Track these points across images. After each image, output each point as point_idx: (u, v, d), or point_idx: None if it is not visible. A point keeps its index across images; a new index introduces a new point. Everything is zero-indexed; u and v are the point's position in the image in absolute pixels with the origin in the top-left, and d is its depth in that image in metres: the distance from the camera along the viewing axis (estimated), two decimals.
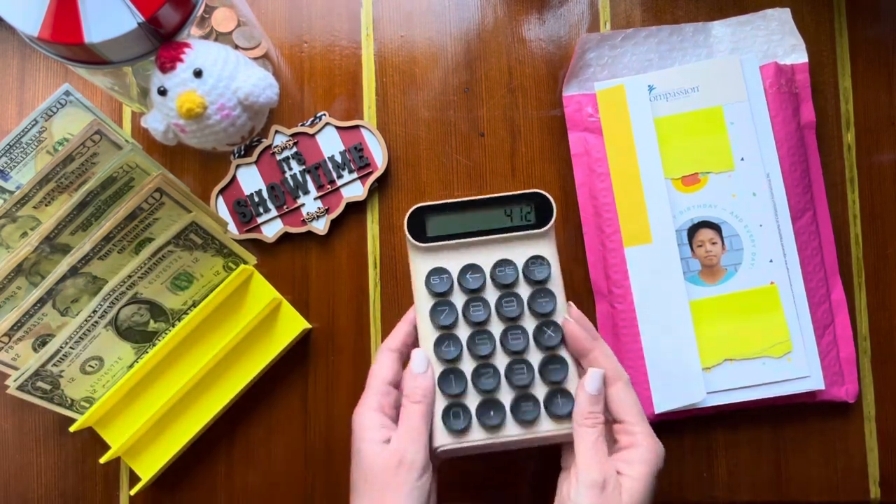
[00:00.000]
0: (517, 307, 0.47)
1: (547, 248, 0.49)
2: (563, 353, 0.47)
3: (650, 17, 0.58)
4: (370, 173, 0.56)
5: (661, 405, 0.53)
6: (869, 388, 0.56)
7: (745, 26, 0.56)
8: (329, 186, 0.56)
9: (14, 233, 0.52)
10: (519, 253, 0.48)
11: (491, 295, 0.48)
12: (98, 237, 0.49)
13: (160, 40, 0.46)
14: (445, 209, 0.48)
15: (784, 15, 0.56)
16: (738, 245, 0.54)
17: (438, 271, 0.48)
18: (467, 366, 0.47)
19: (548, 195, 0.48)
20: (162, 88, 0.47)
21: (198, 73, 0.46)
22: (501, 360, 0.47)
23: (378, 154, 0.56)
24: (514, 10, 0.58)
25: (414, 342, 0.49)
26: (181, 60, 0.46)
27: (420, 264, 0.48)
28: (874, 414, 0.56)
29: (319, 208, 0.56)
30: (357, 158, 0.56)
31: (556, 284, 0.48)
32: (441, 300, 0.48)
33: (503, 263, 0.48)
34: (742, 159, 0.54)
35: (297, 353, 0.56)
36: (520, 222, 0.49)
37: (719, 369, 0.53)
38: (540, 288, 0.48)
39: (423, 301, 0.48)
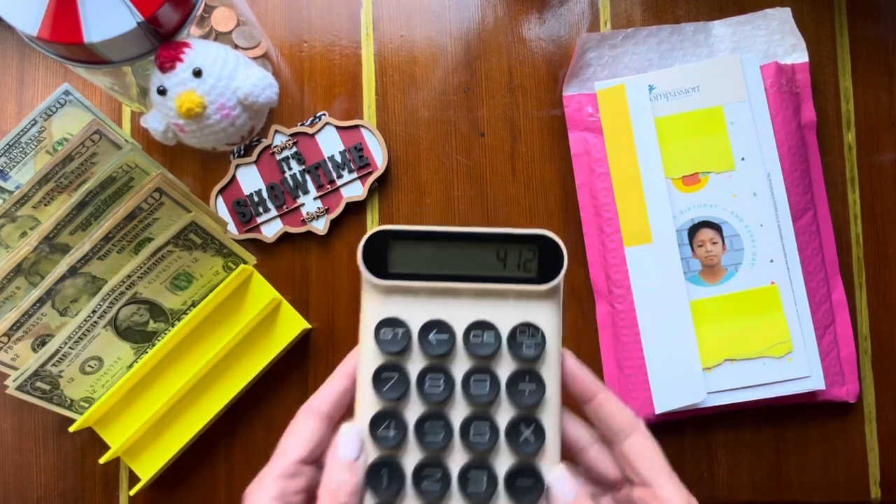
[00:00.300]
0: (491, 391, 0.35)
1: (546, 315, 0.36)
2: (542, 464, 0.35)
3: (650, 16, 0.58)
4: (370, 173, 0.56)
5: (662, 405, 0.53)
6: (869, 388, 0.56)
7: (746, 26, 0.56)
8: (329, 186, 0.56)
9: (13, 233, 0.52)
10: (506, 314, 0.35)
11: (459, 366, 0.35)
12: (97, 237, 0.49)
13: (160, 40, 0.46)
14: (417, 238, 0.35)
15: (784, 14, 0.56)
16: (738, 245, 0.54)
17: (393, 322, 0.35)
18: (409, 459, 0.35)
19: (558, 240, 0.35)
20: (161, 88, 0.47)
21: (197, 73, 0.46)
22: (457, 460, 0.35)
23: (378, 154, 0.56)
24: (515, 10, 0.58)
25: (349, 403, 0.36)
26: (181, 60, 0.46)
27: (372, 308, 0.36)
28: (875, 414, 0.56)
29: (319, 208, 0.56)
30: (357, 158, 0.56)
31: (550, 368, 0.35)
32: (391, 362, 0.35)
33: (482, 326, 0.35)
34: (743, 159, 0.54)
35: (297, 353, 0.56)
36: (515, 272, 0.35)
37: (720, 369, 0.53)
38: (526, 369, 0.35)
39: (367, 358, 0.35)
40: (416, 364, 0.35)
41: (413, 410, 0.35)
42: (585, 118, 0.56)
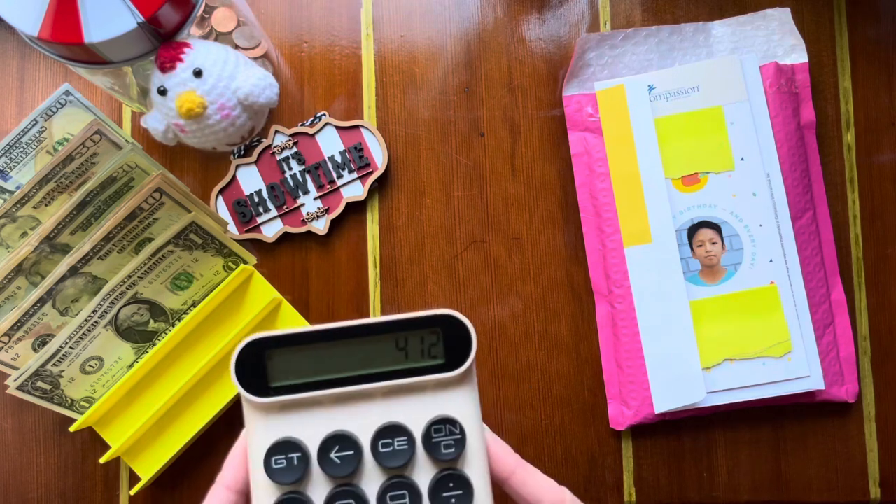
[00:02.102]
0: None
1: (462, 403, 0.31)
2: None
3: (650, 16, 0.58)
4: (370, 173, 0.56)
5: (661, 405, 0.53)
6: (869, 388, 0.56)
7: (746, 26, 0.56)
8: (329, 186, 0.56)
9: (14, 233, 0.52)
10: (417, 412, 0.31)
11: (371, 483, 0.30)
12: (98, 237, 0.49)
13: (160, 40, 0.46)
14: (299, 342, 0.30)
15: (784, 15, 0.56)
16: (738, 245, 0.54)
17: (285, 447, 0.30)
18: None
19: (462, 318, 0.31)
20: (162, 88, 0.47)
21: (198, 73, 0.46)
22: None
23: (378, 154, 0.56)
24: (514, 10, 0.58)
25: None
26: (181, 60, 0.46)
27: (258, 432, 0.31)
28: (874, 414, 0.56)
29: (319, 208, 0.56)
30: (357, 158, 0.56)
31: (475, 465, 0.31)
32: (289, 493, 0.30)
33: (391, 432, 0.30)
34: (742, 159, 0.54)
35: None
36: (419, 361, 0.31)
37: (719, 369, 0.53)
38: (449, 472, 0.30)
39: (261, 492, 0.30)
40: (319, 490, 0.30)
41: None
42: (585, 118, 0.56)
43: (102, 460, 0.52)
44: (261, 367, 0.30)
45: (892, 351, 0.56)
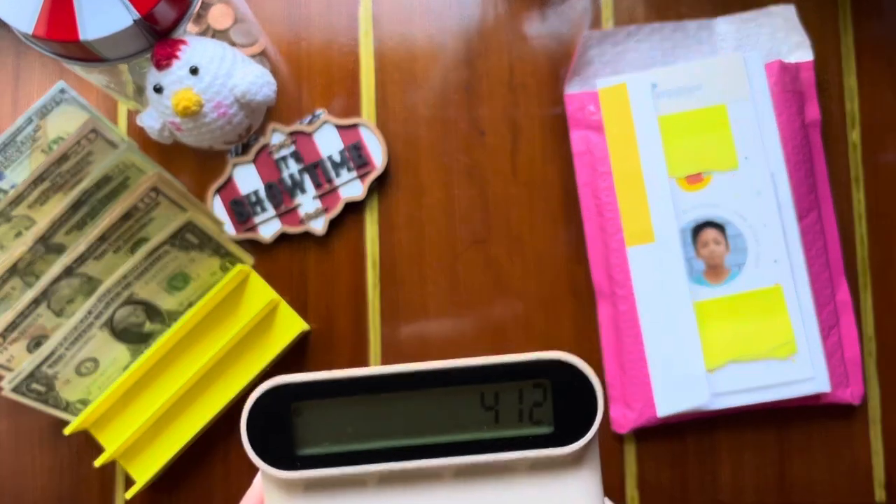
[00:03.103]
0: None
1: (579, 496, 0.21)
2: None
3: (653, 13, 0.57)
4: (369, 172, 0.56)
5: (665, 408, 0.52)
6: (874, 390, 0.56)
7: (750, 23, 0.56)
8: (327, 186, 0.56)
9: (8, 233, 0.52)
10: (509, 502, 0.21)
11: None
12: (93, 237, 0.49)
13: (156, 37, 0.45)
14: (337, 390, 0.21)
15: (788, 12, 0.55)
16: (742, 245, 0.54)
17: None
18: None
19: (582, 365, 0.22)
20: (158, 86, 0.46)
21: (194, 71, 0.46)
22: None
23: (377, 153, 0.56)
24: (516, 7, 0.58)
25: None
26: (177, 58, 0.46)
27: None
28: (880, 416, 0.55)
29: (318, 208, 0.56)
30: (356, 157, 0.56)
31: None
32: None
33: None
34: (746, 158, 0.54)
35: (296, 355, 0.56)
36: (515, 427, 0.21)
37: (723, 371, 0.53)
38: None
39: None
40: None
41: None
42: (587, 117, 0.55)
43: (97, 463, 0.51)
44: (284, 426, 0.21)
45: None
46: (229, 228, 0.56)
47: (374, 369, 0.21)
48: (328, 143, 0.56)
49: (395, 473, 0.21)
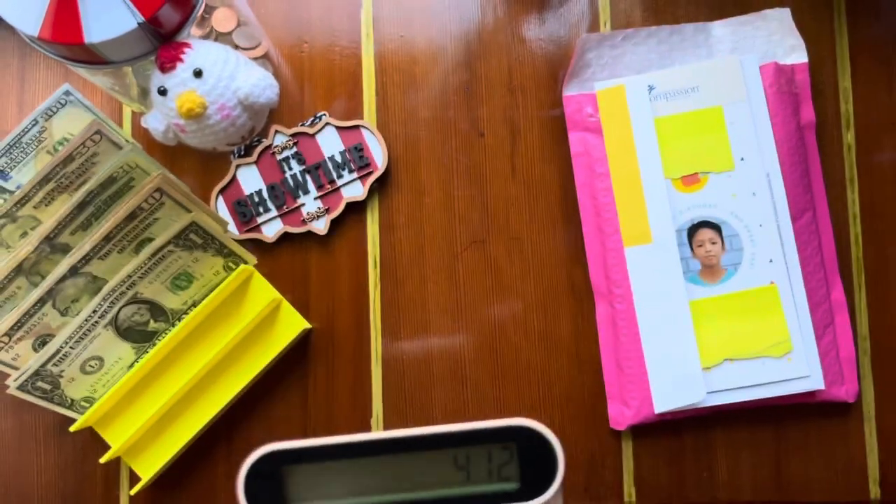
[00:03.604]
0: None
1: None
2: None
3: (650, 16, 0.58)
4: (370, 173, 0.56)
5: (661, 405, 0.53)
6: (869, 388, 0.56)
7: (745, 26, 0.56)
8: (329, 186, 0.56)
9: (14, 233, 0.52)
10: None
11: None
12: (98, 237, 0.49)
13: (160, 40, 0.46)
14: (325, 455, 0.23)
15: (784, 15, 0.56)
16: (737, 245, 0.54)
17: None
18: None
19: (544, 430, 0.24)
20: (162, 88, 0.47)
21: (198, 73, 0.46)
22: None
23: (378, 154, 0.56)
24: (514, 10, 0.58)
25: None
26: (181, 60, 0.46)
27: None
28: (874, 414, 0.56)
29: (319, 208, 0.56)
30: (357, 158, 0.56)
31: None
32: None
33: None
34: (742, 159, 0.54)
35: (297, 354, 0.56)
36: (486, 483, 0.23)
37: (719, 369, 0.53)
38: None
39: None
40: None
41: None
42: (585, 118, 0.56)
43: (103, 460, 0.52)
44: (277, 486, 0.23)
45: (892, 351, 0.56)
46: (232, 228, 0.56)
47: (356, 437, 0.23)
48: (330, 144, 0.56)
49: None
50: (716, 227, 0.54)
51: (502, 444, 0.23)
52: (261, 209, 0.56)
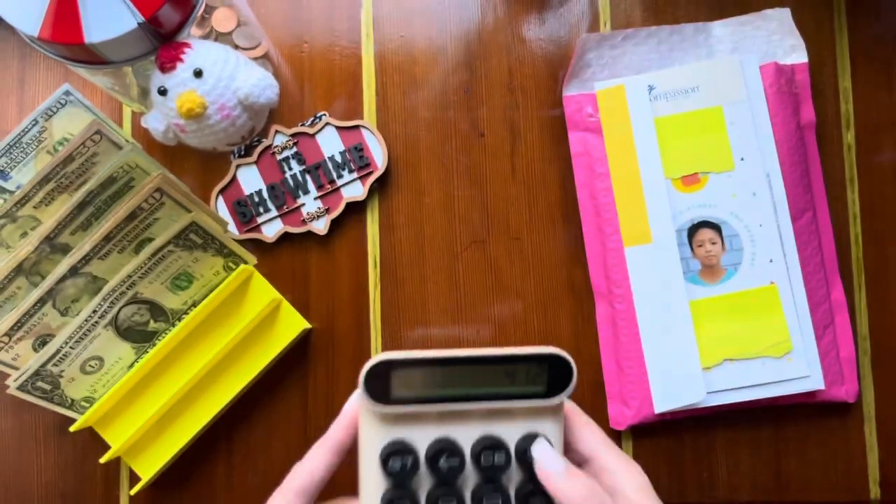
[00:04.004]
0: None
1: (553, 428, 0.35)
2: None
3: (650, 16, 0.58)
4: (370, 173, 0.56)
5: (661, 405, 0.53)
6: (869, 387, 0.56)
7: (745, 26, 0.56)
8: (329, 186, 0.56)
9: (14, 233, 0.52)
10: (513, 429, 0.35)
11: (468, 484, 0.35)
12: (98, 237, 0.49)
13: (160, 40, 0.46)
14: (421, 364, 0.34)
15: (784, 15, 0.56)
16: (737, 245, 0.54)
17: (401, 450, 0.34)
18: None
19: (569, 358, 0.35)
20: (162, 88, 0.47)
21: (198, 73, 0.46)
22: None
23: (378, 154, 0.56)
24: (514, 10, 0.58)
25: (331, 475, 0.37)
26: (181, 60, 0.46)
27: (375, 433, 0.34)
28: (874, 414, 0.56)
29: (319, 208, 0.56)
30: (357, 158, 0.56)
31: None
32: (399, 490, 0.34)
33: (492, 445, 0.34)
34: (742, 159, 0.54)
35: (297, 354, 0.56)
36: (523, 388, 0.35)
37: (719, 369, 0.53)
38: (536, 483, 0.35)
39: (371, 485, 0.34)
40: (424, 486, 0.34)
41: None
42: (585, 118, 0.56)
43: (103, 460, 0.52)
44: (385, 379, 0.33)
45: (891, 351, 0.56)
46: (232, 228, 0.56)
47: (442, 353, 0.33)
48: (330, 144, 0.56)
49: (447, 412, 0.34)
50: (716, 227, 0.54)
51: (538, 364, 0.34)
52: (261, 209, 0.56)
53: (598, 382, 0.56)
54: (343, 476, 0.38)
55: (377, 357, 0.33)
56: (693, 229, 0.54)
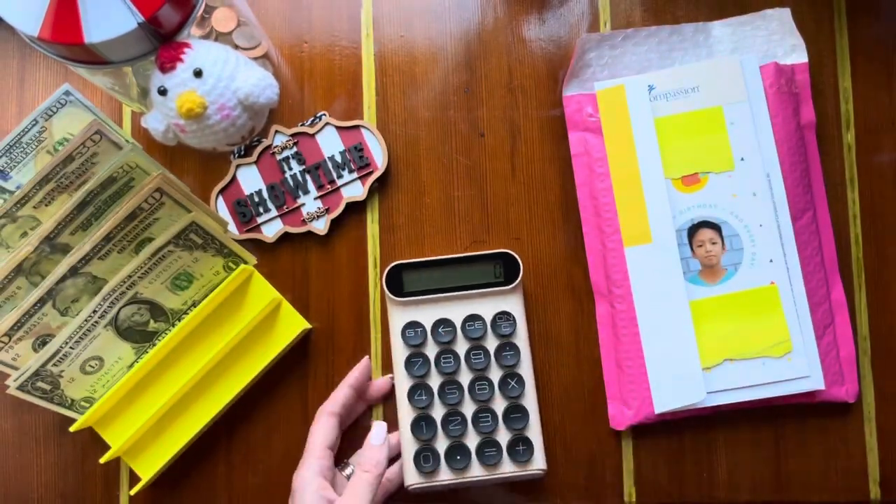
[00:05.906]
0: (484, 360, 0.53)
1: (514, 305, 0.54)
2: (525, 402, 0.52)
3: (650, 16, 0.58)
4: (370, 173, 0.56)
5: (662, 405, 0.53)
6: (869, 388, 0.56)
7: (745, 26, 0.56)
8: (329, 186, 0.56)
9: (14, 233, 0.52)
10: (488, 308, 0.53)
11: (461, 347, 0.53)
12: (98, 237, 0.49)
13: (160, 40, 0.46)
14: (421, 266, 0.54)
15: (784, 15, 0.56)
16: (738, 245, 0.54)
17: (413, 325, 0.53)
18: (438, 413, 0.52)
19: (515, 255, 0.54)
20: (162, 88, 0.47)
21: (198, 73, 0.46)
22: (469, 408, 0.53)
23: (378, 154, 0.56)
24: (515, 10, 0.58)
25: (352, 405, 0.53)
26: (181, 60, 0.46)
27: (397, 317, 0.54)
28: (874, 414, 0.56)
29: (319, 208, 0.56)
30: (357, 158, 0.56)
31: (521, 339, 0.53)
32: (415, 352, 0.53)
33: (473, 318, 0.53)
34: (742, 159, 0.54)
35: (297, 353, 0.56)
36: (490, 279, 0.53)
37: (719, 369, 0.53)
38: (506, 342, 0.53)
39: (398, 352, 0.53)
40: (431, 350, 0.53)
41: (435, 381, 0.53)
42: (585, 118, 0.56)
43: (103, 460, 0.52)
44: (399, 279, 0.54)
45: (892, 351, 0.56)
46: (232, 228, 0.56)
47: (435, 258, 0.54)
48: (330, 144, 0.56)
49: (442, 298, 0.54)
50: (716, 227, 0.54)
51: (495, 261, 0.54)
52: (261, 209, 0.56)
53: (598, 382, 0.56)
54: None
55: (392, 264, 0.54)
56: (693, 229, 0.54)
